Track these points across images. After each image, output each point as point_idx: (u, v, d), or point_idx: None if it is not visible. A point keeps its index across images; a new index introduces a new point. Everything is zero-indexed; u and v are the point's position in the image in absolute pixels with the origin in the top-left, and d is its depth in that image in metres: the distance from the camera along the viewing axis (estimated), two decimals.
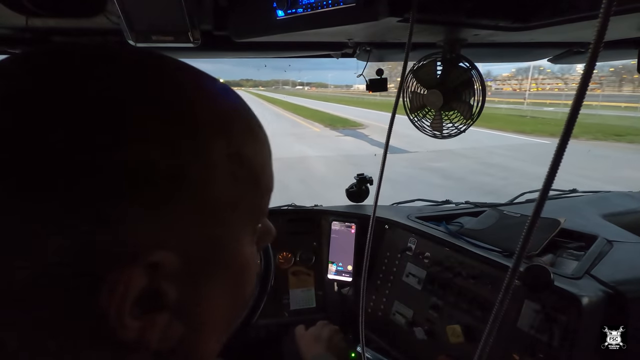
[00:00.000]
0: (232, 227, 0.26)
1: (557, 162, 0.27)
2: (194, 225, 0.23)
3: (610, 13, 0.23)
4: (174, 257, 0.23)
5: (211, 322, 0.28)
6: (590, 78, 0.26)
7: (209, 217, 0.24)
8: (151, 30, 0.73)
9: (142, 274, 0.21)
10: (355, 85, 65.91)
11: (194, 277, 0.25)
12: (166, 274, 0.23)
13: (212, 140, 0.24)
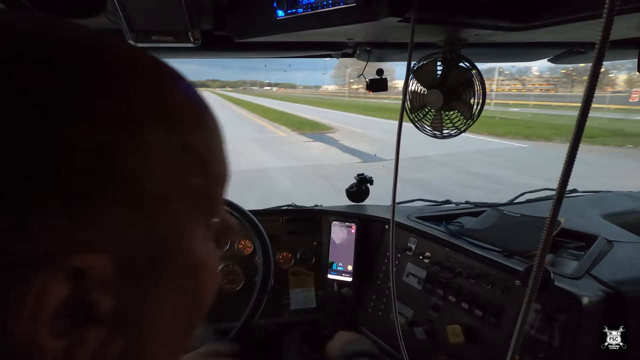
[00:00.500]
0: (177, 221, 0.23)
1: (570, 164, 0.27)
2: (130, 223, 0.20)
3: (614, 13, 0.23)
4: (106, 260, 0.19)
5: (162, 334, 0.24)
6: (597, 79, 0.26)
7: (148, 211, 0.21)
8: (151, 30, 0.73)
9: (63, 282, 0.18)
10: (324, 85, 65.83)
11: (134, 283, 0.21)
12: (97, 282, 0.19)
13: (149, 128, 0.21)
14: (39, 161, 0.17)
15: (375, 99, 47.10)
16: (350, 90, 62.15)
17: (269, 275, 0.90)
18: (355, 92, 60.62)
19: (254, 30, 0.78)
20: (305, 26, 0.67)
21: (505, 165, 7.97)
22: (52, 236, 0.17)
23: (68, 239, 0.18)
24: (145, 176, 0.20)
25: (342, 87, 58.78)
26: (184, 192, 0.23)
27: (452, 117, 0.87)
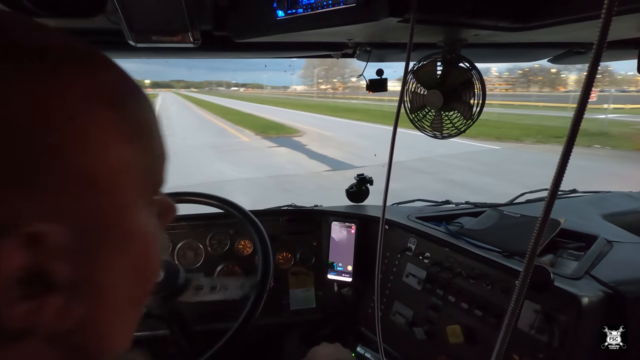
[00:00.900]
0: (122, 194, 0.25)
1: (564, 165, 0.27)
2: (78, 195, 0.22)
3: (612, 14, 0.23)
4: (59, 230, 0.21)
5: (115, 299, 0.26)
6: (594, 78, 0.26)
7: (93, 185, 0.23)
8: (151, 30, 0.73)
9: (20, 250, 0.19)
10: (293, 86, 65.02)
11: (87, 252, 0.23)
12: (53, 250, 0.21)
13: (88, 104, 0.23)
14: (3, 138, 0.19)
15: (344, 100, 45.05)
16: (318, 91, 61.06)
17: (269, 276, 0.90)
18: (324, 92, 59.64)
19: (254, 30, 0.78)
20: (305, 26, 0.67)
21: (482, 170, 7.42)
22: (6, 207, 0.19)
23: (22, 209, 0.20)
24: (87, 152, 0.22)
25: (311, 87, 58.22)
26: (126, 167, 0.25)
27: (452, 117, 0.87)
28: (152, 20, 0.72)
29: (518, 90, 63.42)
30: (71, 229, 0.22)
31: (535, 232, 0.31)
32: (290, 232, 1.33)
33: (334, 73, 59.78)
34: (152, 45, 0.76)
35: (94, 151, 0.23)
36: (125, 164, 0.25)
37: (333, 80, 63.16)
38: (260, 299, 0.86)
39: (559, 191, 1.17)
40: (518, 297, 0.33)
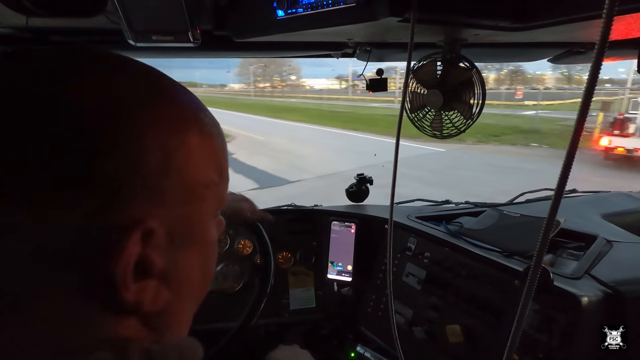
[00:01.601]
0: (203, 206, 0.31)
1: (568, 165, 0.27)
2: (176, 201, 0.28)
3: (613, 13, 0.23)
4: (161, 228, 0.27)
5: (190, 289, 0.32)
6: (596, 78, 0.26)
7: (188, 195, 0.29)
8: (151, 30, 0.73)
9: (140, 241, 0.25)
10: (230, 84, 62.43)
11: (175, 248, 0.29)
12: (155, 244, 0.26)
13: (192, 133, 0.29)
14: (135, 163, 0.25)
15: (282, 98, 42.51)
16: (256, 89, 58.10)
17: (269, 275, 0.90)
18: (262, 90, 57.30)
19: (254, 30, 0.78)
20: (305, 26, 0.67)
21: (430, 179, 6.63)
22: (137, 205, 0.25)
23: (145, 209, 0.26)
24: (189, 170, 0.29)
25: (249, 85, 56.75)
26: (209, 186, 0.31)
27: (451, 117, 0.87)
28: (152, 20, 0.72)
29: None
30: (167, 228, 0.27)
31: (540, 236, 0.31)
32: (290, 232, 1.33)
33: (272, 71, 56.61)
34: (152, 45, 0.76)
35: (194, 172, 0.29)
36: (211, 183, 0.31)
37: (273, 78, 60.58)
38: (261, 299, 0.86)
39: None
40: (525, 301, 0.33)
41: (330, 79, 53.93)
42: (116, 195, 0.24)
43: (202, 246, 0.32)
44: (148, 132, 0.26)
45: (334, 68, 50.66)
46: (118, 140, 0.25)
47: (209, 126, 0.32)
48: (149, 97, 0.28)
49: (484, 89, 0.82)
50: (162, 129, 0.27)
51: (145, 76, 0.29)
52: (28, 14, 0.59)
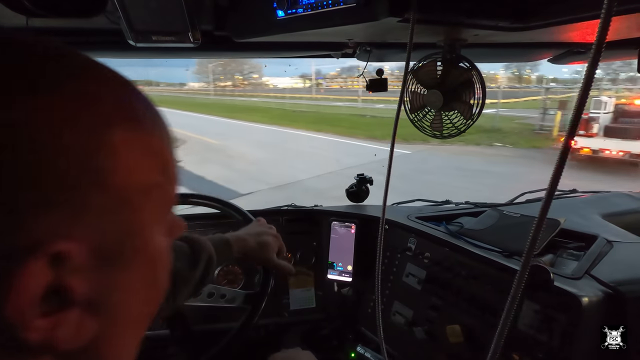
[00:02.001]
0: (142, 215, 0.26)
1: (561, 165, 0.27)
2: (101, 215, 0.23)
3: (611, 14, 0.23)
4: (81, 248, 0.22)
5: (127, 316, 0.27)
6: (592, 79, 0.26)
7: (117, 205, 0.24)
8: (151, 30, 0.73)
9: (46, 267, 0.20)
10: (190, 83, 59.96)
11: (106, 268, 0.24)
12: (73, 268, 0.22)
13: (116, 131, 0.24)
14: (37, 162, 0.20)
15: (244, 98, 39.92)
16: (217, 88, 54.90)
17: (269, 276, 0.90)
18: (223, 89, 54.43)
19: (254, 30, 0.78)
20: (305, 26, 0.67)
21: (398, 187, 5.80)
22: (38, 225, 0.20)
23: (51, 227, 0.20)
24: (115, 174, 0.23)
25: (209, 84, 54.52)
26: (148, 189, 0.26)
27: (452, 117, 0.87)
28: (152, 20, 0.72)
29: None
30: (90, 246, 0.22)
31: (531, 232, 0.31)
32: (290, 232, 1.33)
33: (233, 69, 54.63)
34: (152, 45, 0.76)
35: (123, 176, 0.24)
36: (151, 186, 0.26)
37: (235, 77, 58.58)
38: (261, 299, 0.85)
39: (559, 191, 1.17)
40: (513, 297, 0.33)
41: (294, 77, 52.81)
42: (10, 215, 0.19)
43: (144, 262, 0.27)
44: (48, 131, 0.21)
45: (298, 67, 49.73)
46: (7, 141, 0.19)
47: (144, 120, 0.27)
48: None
49: (484, 89, 0.82)
50: (72, 128, 0.22)
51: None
52: (28, 14, 0.59)
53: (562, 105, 11.26)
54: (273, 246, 0.80)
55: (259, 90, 48.46)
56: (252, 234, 0.80)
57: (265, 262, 0.80)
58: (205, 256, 0.69)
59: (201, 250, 0.68)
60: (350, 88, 40.19)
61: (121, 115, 0.25)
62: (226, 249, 0.74)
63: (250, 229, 0.82)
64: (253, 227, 0.83)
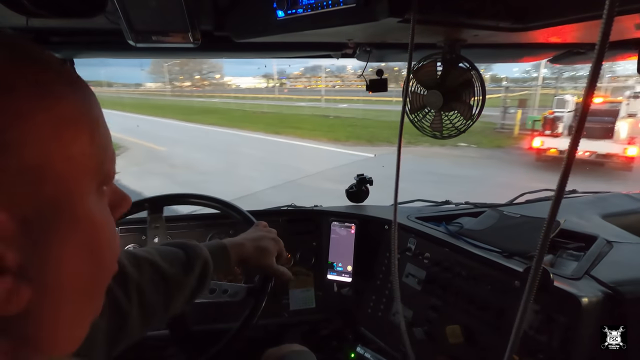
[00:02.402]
0: (67, 184, 0.26)
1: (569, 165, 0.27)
2: (19, 186, 0.23)
3: (613, 14, 0.23)
4: (7, 217, 0.23)
5: (66, 286, 0.27)
6: (597, 79, 0.26)
7: (34, 175, 0.24)
8: (151, 31, 0.73)
9: None
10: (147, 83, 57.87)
11: (36, 238, 0.25)
12: (1, 236, 0.23)
13: (25, 101, 0.24)
14: None
15: (204, 98, 37.76)
16: (174, 88, 52.74)
17: (267, 286, 0.89)
18: (181, 90, 52.16)
19: (254, 30, 0.78)
20: (305, 27, 0.67)
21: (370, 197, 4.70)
22: None
23: None
24: (26, 145, 0.24)
25: (165, 84, 52.42)
26: (69, 157, 0.26)
27: (451, 117, 0.87)
28: (152, 20, 0.72)
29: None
30: (18, 216, 0.23)
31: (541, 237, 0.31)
32: (290, 233, 1.33)
33: (191, 69, 52.68)
34: (152, 45, 0.76)
35: (38, 145, 0.24)
36: (70, 155, 0.26)
37: (195, 77, 56.53)
38: (261, 299, 0.85)
39: None
40: (526, 302, 0.33)
41: (257, 77, 51.74)
42: None
43: (81, 229, 0.27)
44: None
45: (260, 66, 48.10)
46: None
47: (65, 90, 0.27)
48: None
49: (484, 90, 0.82)
50: None
51: None
52: (28, 14, 0.59)
53: (521, 103, 11.24)
54: (272, 251, 0.79)
55: (220, 91, 45.04)
56: (251, 239, 0.79)
57: (264, 268, 0.80)
58: (201, 262, 0.68)
59: (196, 256, 0.68)
60: (315, 88, 39.24)
61: (29, 86, 0.25)
62: (223, 255, 0.73)
63: (249, 234, 0.81)
64: (252, 232, 0.82)
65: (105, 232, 0.30)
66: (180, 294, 0.65)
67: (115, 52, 0.99)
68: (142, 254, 0.64)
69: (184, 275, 0.65)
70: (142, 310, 0.59)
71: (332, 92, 34.62)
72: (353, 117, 17.15)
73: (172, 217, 1.30)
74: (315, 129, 13.32)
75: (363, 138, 11.26)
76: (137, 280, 0.60)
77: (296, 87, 44.12)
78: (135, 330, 0.58)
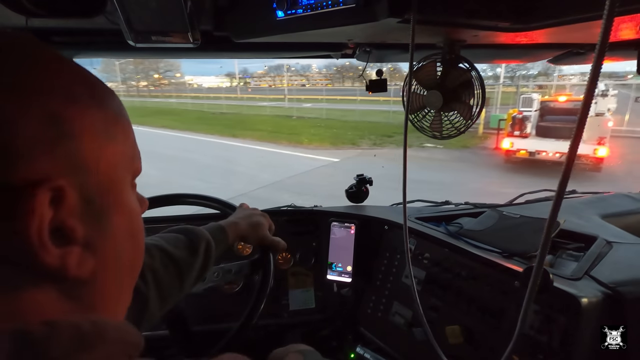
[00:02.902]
0: (113, 173, 0.31)
1: (569, 165, 0.27)
2: (86, 171, 0.28)
3: (613, 14, 0.23)
4: (72, 191, 0.27)
5: (119, 260, 0.32)
6: (597, 79, 0.26)
7: (97, 163, 0.29)
8: (151, 31, 0.73)
9: (48, 204, 0.25)
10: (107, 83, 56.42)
11: (97, 216, 0.29)
12: (69, 210, 0.27)
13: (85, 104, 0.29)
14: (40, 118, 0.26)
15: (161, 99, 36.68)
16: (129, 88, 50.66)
17: (269, 276, 0.90)
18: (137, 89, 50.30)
19: (254, 30, 0.78)
20: (305, 27, 0.67)
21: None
22: (39, 166, 0.25)
23: (52, 167, 0.26)
24: (85, 135, 0.28)
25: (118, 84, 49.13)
26: (115, 151, 0.31)
27: (451, 118, 0.87)
28: (152, 20, 0.72)
29: (335, 85, 68.80)
30: (85, 197, 0.28)
31: (542, 237, 0.31)
32: (290, 233, 1.33)
33: (147, 67, 50.79)
34: (152, 45, 0.76)
35: (94, 137, 0.29)
36: (115, 149, 0.31)
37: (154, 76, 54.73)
38: (261, 299, 0.85)
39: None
40: (528, 303, 0.33)
41: (220, 76, 50.25)
42: (11, 155, 0.24)
43: (125, 214, 0.32)
44: (34, 98, 0.26)
45: (222, 65, 46.28)
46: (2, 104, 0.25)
47: (106, 92, 0.32)
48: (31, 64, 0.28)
49: (483, 90, 0.82)
50: (51, 97, 0.27)
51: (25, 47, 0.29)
52: (28, 14, 0.59)
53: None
54: (264, 224, 0.85)
55: (180, 90, 44.20)
56: (243, 217, 0.85)
57: (261, 241, 0.85)
58: (204, 242, 0.73)
59: (199, 238, 0.73)
60: (280, 87, 38.07)
61: (82, 88, 0.29)
62: (222, 235, 0.79)
63: (239, 213, 0.87)
64: (241, 212, 0.88)
65: (139, 220, 0.35)
66: (190, 274, 0.70)
67: (115, 52, 0.99)
68: (149, 241, 0.68)
69: (190, 256, 0.70)
70: (159, 292, 0.64)
71: (296, 91, 33.44)
72: (317, 118, 16.85)
73: (172, 217, 1.30)
74: (276, 131, 12.81)
75: (326, 140, 10.87)
76: (150, 264, 0.64)
77: (261, 87, 42.75)
78: (155, 311, 0.63)
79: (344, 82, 68.65)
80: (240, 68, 37.92)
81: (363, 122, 14.38)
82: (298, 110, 20.10)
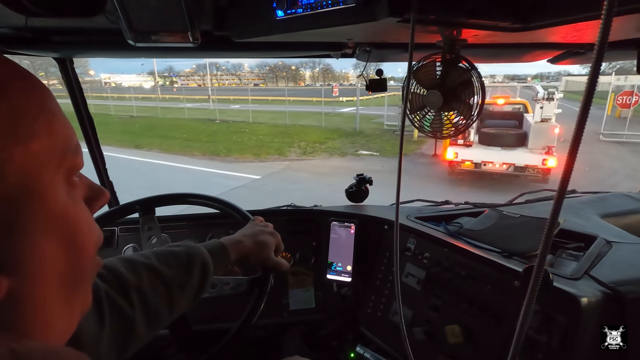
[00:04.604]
0: (29, 176, 0.26)
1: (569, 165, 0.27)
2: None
3: (612, 14, 0.23)
4: None
5: (48, 275, 0.28)
6: (597, 79, 0.26)
7: (1, 168, 0.25)
8: (151, 30, 0.73)
9: None
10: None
11: (10, 229, 0.25)
12: None
13: None
14: None
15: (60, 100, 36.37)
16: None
17: (269, 276, 0.90)
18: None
19: (254, 30, 0.78)
20: (305, 26, 0.67)
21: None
22: None
23: None
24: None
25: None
26: (28, 149, 0.26)
27: (451, 117, 0.87)
28: (152, 20, 0.72)
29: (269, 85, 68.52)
30: None
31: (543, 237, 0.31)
32: (290, 232, 1.33)
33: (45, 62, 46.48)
34: (152, 45, 0.76)
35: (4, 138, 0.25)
36: (28, 148, 0.26)
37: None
38: (261, 299, 0.85)
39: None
40: (529, 303, 0.33)
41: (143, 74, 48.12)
42: None
43: (52, 220, 0.28)
44: None
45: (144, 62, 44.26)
46: None
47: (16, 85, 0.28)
48: None
49: (483, 90, 0.82)
50: None
51: None
52: (28, 14, 0.59)
53: None
54: (271, 245, 0.81)
55: (94, 90, 39.58)
56: (249, 234, 0.80)
57: (264, 262, 0.81)
58: (200, 262, 0.69)
59: (195, 257, 0.69)
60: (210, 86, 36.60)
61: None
62: (223, 254, 0.75)
63: (246, 230, 0.83)
64: (249, 228, 0.84)
65: (80, 221, 0.30)
66: (182, 295, 0.66)
67: (115, 52, 0.99)
68: (139, 259, 0.65)
69: (183, 276, 0.66)
70: (146, 314, 0.60)
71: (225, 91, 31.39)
72: (243, 122, 15.40)
73: (172, 217, 1.30)
74: (192, 139, 11.29)
75: (249, 150, 9.45)
76: (136, 284, 0.60)
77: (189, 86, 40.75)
78: (142, 333, 0.59)
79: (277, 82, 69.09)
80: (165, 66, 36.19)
81: (293, 126, 13.33)
82: (223, 112, 18.42)
